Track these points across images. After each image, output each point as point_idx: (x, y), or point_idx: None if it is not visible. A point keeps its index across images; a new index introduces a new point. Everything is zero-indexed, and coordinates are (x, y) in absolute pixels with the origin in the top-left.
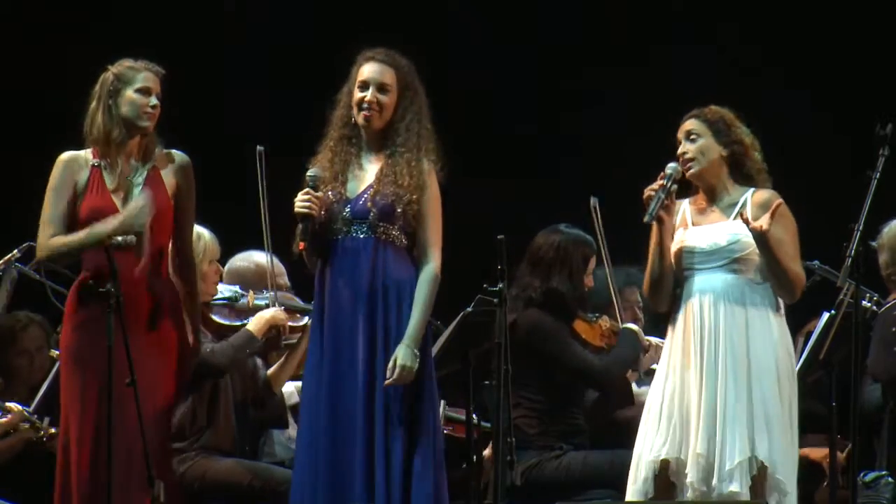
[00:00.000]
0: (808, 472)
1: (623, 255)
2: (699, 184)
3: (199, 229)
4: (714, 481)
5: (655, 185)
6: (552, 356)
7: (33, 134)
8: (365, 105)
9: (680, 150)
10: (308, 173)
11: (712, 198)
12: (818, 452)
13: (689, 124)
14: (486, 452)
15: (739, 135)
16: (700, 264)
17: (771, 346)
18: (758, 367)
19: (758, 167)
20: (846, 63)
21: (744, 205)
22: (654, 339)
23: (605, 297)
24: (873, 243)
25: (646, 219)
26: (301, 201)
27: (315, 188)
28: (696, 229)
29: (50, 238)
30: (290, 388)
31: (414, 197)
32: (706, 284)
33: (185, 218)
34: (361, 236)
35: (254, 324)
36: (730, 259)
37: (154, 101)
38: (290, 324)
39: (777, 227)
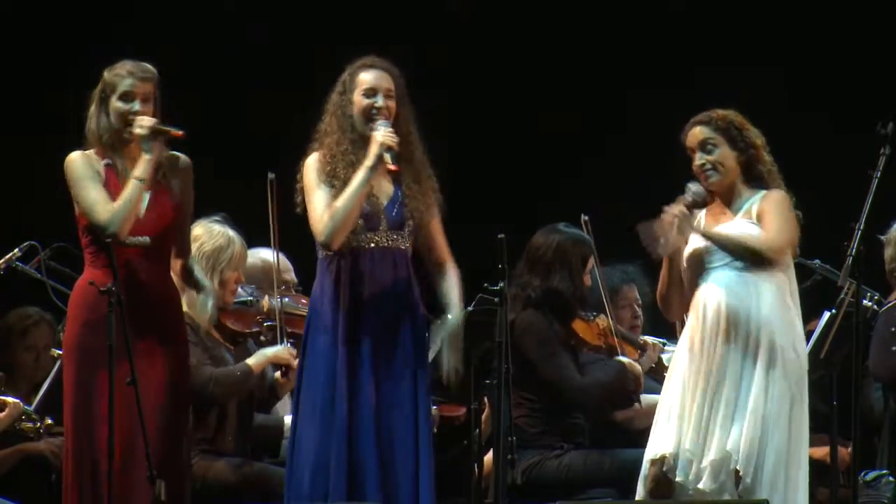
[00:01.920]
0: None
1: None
2: (718, 191)
3: (230, 235)
4: (690, 477)
5: (676, 210)
6: (535, 363)
7: (35, 135)
8: (374, 112)
9: (698, 162)
10: (381, 122)
11: (727, 203)
12: (819, 451)
13: (702, 132)
14: (484, 417)
15: (751, 137)
16: (707, 264)
17: (768, 344)
18: (751, 364)
19: (769, 168)
20: (847, 62)
21: (752, 206)
22: (649, 339)
23: (599, 294)
24: (882, 237)
25: (661, 251)
26: (389, 132)
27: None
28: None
29: (108, 210)
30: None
31: (435, 212)
32: (711, 283)
33: (186, 218)
34: (396, 246)
35: (255, 359)
36: (727, 261)
37: (136, 106)
38: (297, 330)
39: (763, 203)
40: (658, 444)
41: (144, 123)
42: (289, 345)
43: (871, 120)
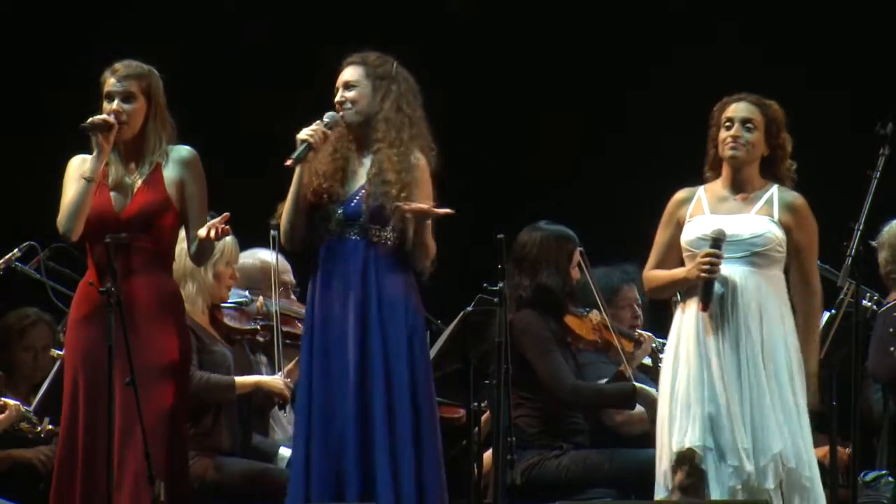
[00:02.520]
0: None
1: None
2: (730, 166)
3: None
4: (753, 476)
5: (712, 259)
6: (531, 361)
7: (35, 135)
8: (336, 106)
9: (732, 133)
10: (328, 113)
11: (736, 187)
12: (818, 451)
13: (749, 111)
14: (485, 417)
15: (784, 140)
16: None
17: (784, 342)
18: (773, 362)
19: (789, 174)
20: (847, 60)
21: (770, 200)
22: (645, 334)
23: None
24: (873, 242)
25: (703, 308)
26: (309, 130)
27: (329, 128)
28: (715, 218)
29: (60, 212)
30: (284, 454)
31: (403, 194)
32: (724, 275)
33: (196, 209)
34: (353, 238)
35: (243, 378)
36: (750, 252)
37: (115, 104)
38: (296, 331)
39: (799, 233)
40: (685, 436)
41: (86, 122)
42: (282, 377)
43: (870, 120)
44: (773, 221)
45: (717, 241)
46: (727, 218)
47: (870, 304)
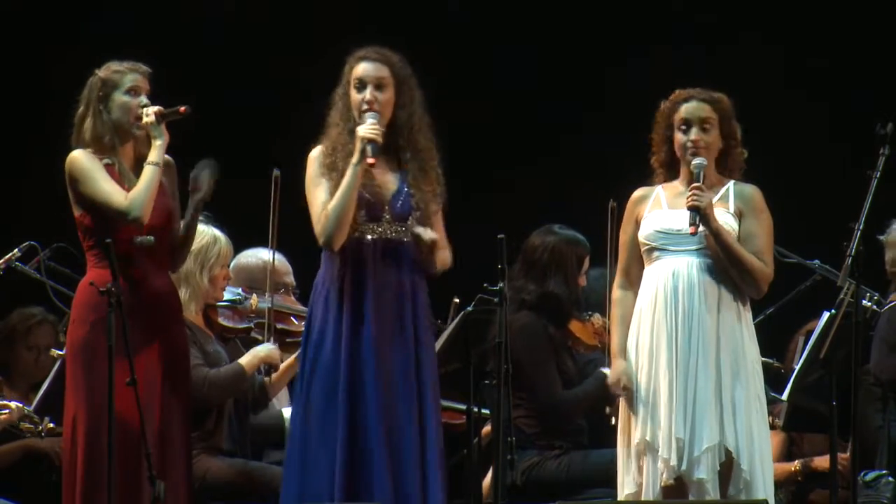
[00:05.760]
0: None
1: None
2: (689, 169)
3: (216, 233)
4: (683, 466)
5: (695, 191)
6: (523, 367)
7: (35, 135)
8: (365, 106)
9: (693, 137)
10: (370, 112)
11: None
12: (822, 461)
13: (705, 110)
14: (485, 430)
15: (735, 129)
16: (674, 246)
17: (739, 333)
18: (727, 354)
19: (740, 163)
20: (846, 61)
21: (726, 194)
22: None
23: (603, 294)
24: (881, 237)
25: (694, 231)
26: (371, 126)
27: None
28: (672, 212)
29: (128, 197)
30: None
31: (439, 202)
32: (679, 267)
33: (177, 216)
34: (400, 238)
35: (247, 359)
36: (705, 244)
37: (144, 99)
38: (291, 328)
39: (751, 220)
40: (638, 432)
41: (150, 111)
42: (276, 345)
43: (871, 120)
44: (728, 213)
45: (697, 173)
46: (685, 212)
47: (870, 304)
